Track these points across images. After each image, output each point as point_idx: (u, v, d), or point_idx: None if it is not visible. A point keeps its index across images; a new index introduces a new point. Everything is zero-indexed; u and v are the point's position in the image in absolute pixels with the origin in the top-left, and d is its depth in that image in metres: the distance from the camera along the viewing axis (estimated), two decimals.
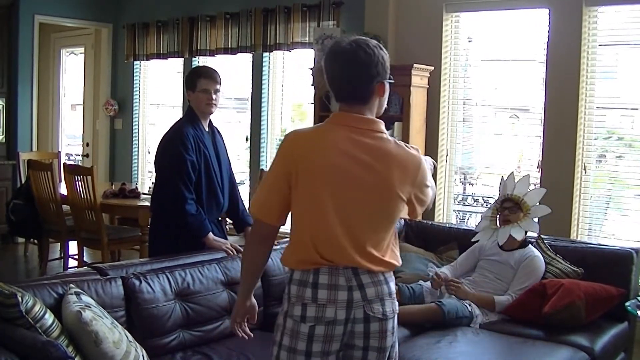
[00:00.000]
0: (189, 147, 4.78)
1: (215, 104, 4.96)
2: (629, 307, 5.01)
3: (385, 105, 3.11)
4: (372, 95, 3.01)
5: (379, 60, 2.96)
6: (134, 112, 11.11)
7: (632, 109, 7.07)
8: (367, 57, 2.94)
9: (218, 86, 4.96)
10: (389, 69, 3.03)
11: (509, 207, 5.49)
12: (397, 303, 3.03)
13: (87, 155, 11.64)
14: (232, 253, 4.80)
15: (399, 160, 2.95)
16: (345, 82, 3.00)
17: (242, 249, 4.82)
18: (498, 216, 5.57)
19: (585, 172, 6.95)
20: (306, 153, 2.94)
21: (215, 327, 4.44)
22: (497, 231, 5.45)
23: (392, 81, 3.08)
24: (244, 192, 8.69)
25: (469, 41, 7.93)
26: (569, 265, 5.46)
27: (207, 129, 5.04)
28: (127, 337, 3.58)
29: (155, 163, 5.08)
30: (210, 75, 4.96)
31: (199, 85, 4.91)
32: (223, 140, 5.26)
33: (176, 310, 4.22)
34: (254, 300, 3.28)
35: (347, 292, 2.90)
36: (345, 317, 2.90)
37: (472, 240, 5.64)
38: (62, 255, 8.37)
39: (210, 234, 4.84)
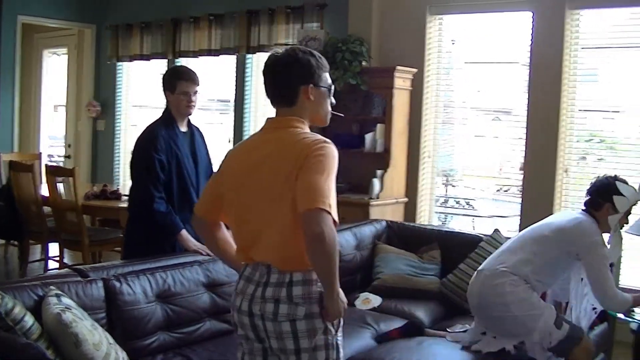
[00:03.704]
0: (159, 148, 4.78)
1: (194, 106, 4.96)
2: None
3: (322, 112, 3.18)
4: (297, 99, 3.09)
5: (303, 64, 3.07)
6: (116, 114, 11.09)
7: (613, 111, 7.12)
8: (289, 60, 3.07)
9: (197, 88, 4.95)
10: (320, 75, 3.12)
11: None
12: (302, 308, 2.93)
13: (69, 157, 11.60)
14: (204, 254, 4.77)
15: (292, 148, 2.97)
16: (271, 86, 3.14)
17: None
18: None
19: (567, 174, 6.99)
20: (231, 162, 3.22)
21: (196, 328, 4.42)
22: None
23: (327, 87, 3.16)
24: None
25: (453, 43, 7.96)
26: None
27: (184, 130, 5.02)
28: (108, 339, 3.57)
29: (130, 164, 5.08)
30: (190, 77, 4.94)
31: (179, 88, 4.89)
32: (204, 141, 5.24)
33: (157, 312, 4.20)
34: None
35: (255, 286, 3.02)
36: (247, 310, 3.01)
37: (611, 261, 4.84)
38: (43, 256, 8.34)
39: (184, 231, 4.82)
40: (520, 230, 6.84)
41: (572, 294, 4.79)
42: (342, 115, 3.56)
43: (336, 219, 2.84)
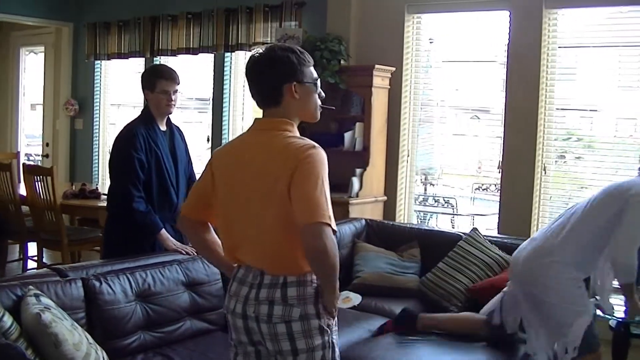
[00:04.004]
0: (138, 147, 4.74)
1: (174, 104, 4.93)
2: None
3: (311, 108, 3.12)
4: (282, 98, 3.02)
5: (284, 62, 2.99)
6: (94, 112, 11.04)
7: (590, 110, 7.17)
8: (268, 60, 3.00)
9: (177, 86, 4.92)
10: (303, 71, 3.03)
11: None
12: (297, 309, 2.92)
13: (47, 156, 11.55)
14: (184, 253, 4.77)
15: (281, 153, 2.93)
16: (254, 87, 3.07)
17: (194, 251, 4.77)
18: None
19: (545, 173, 7.02)
20: (218, 162, 3.16)
21: (176, 328, 4.42)
22: None
23: (313, 82, 3.08)
24: None
25: (431, 42, 7.98)
26: (505, 256, 5.58)
27: (163, 128, 5.00)
28: (87, 339, 3.56)
29: (108, 163, 5.07)
30: (170, 76, 4.90)
31: (159, 87, 4.85)
32: (184, 139, 5.21)
33: (137, 312, 4.19)
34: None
35: (248, 288, 2.99)
36: (242, 312, 2.98)
37: None
38: (22, 256, 8.28)
39: (164, 231, 4.80)
40: (498, 230, 6.92)
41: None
42: (333, 108, 3.50)
43: (335, 228, 2.85)
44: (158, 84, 4.85)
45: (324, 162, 2.93)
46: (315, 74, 3.11)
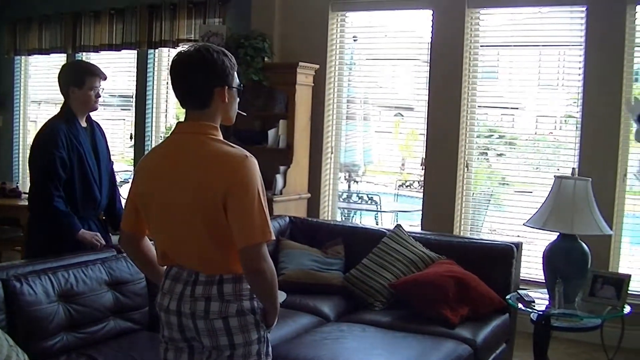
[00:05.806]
0: (60, 144, 4.66)
1: (99, 101, 4.90)
2: (509, 300, 5.15)
3: (232, 112, 3.09)
4: (211, 101, 2.96)
5: (217, 65, 2.94)
6: (14, 109, 10.83)
7: (512, 108, 7.30)
8: (203, 61, 2.93)
9: (103, 82, 4.89)
10: (233, 75, 3.00)
11: None
12: (234, 305, 2.92)
13: None
14: (99, 245, 4.73)
15: (215, 163, 2.90)
16: (181, 87, 3.00)
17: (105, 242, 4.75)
18: None
19: (468, 169, 7.12)
20: (145, 170, 3.10)
21: (100, 328, 4.36)
22: None
23: (238, 87, 3.05)
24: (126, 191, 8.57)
25: (355, 40, 8.02)
26: (428, 252, 5.68)
27: (84, 125, 4.93)
28: (8, 342, 3.50)
29: (28, 161, 4.98)
30: (99, 73, 4.86)
31: (89, 83, 4.79)
32: (104, 136, 5.15)
33: (59, 312, 4.13)
34: None
35: (183, 285, 2.97)
36: (176, 309, 2.96)
37: None
38: None
39: (82, 230, 4.74)
40: (422, 226, 7.00)
41: None
42: (245, 114, 3.50)
43: (272, 236, 2.93)
44: (88, 80, 4.79)
45: (257, 171, 2.92)
46: (238, 80, 3.07)
